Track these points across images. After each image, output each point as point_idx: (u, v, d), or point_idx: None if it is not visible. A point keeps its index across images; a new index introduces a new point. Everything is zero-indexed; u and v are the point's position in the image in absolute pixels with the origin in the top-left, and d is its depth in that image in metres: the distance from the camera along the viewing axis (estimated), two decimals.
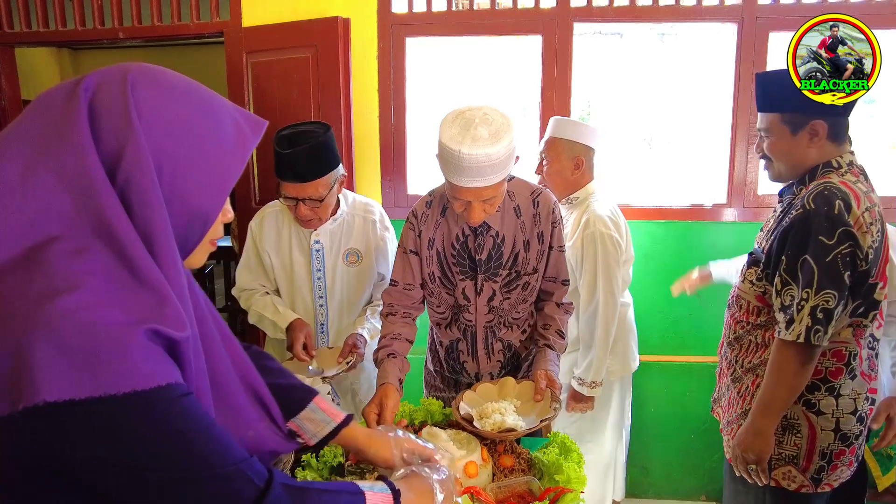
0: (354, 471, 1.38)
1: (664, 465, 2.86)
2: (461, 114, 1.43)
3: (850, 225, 1.37)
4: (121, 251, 0.63)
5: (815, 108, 1.47)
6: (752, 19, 2.52)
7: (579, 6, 2.60)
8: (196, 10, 2.80)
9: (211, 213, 0.73)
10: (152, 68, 0.72)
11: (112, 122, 0.65)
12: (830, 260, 1.37)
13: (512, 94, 3.36)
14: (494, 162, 1.38)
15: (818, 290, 1.37)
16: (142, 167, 0.65)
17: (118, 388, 0.58)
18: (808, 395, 1.50)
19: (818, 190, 1.42)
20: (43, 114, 0.66)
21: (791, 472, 1.52)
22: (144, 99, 0.67)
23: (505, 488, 1.29)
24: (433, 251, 1.66)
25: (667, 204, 2.75)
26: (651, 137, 3.90)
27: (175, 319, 0.64)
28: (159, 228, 0.66)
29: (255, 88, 2.72)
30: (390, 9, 2.68)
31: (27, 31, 2.96)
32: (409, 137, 2.80)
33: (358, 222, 2.01)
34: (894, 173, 2.66)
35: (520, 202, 1.63)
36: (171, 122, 0.68)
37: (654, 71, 3.37)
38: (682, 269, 2.69)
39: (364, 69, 2.70)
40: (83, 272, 0.61)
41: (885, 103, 2.84)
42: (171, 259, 0.67)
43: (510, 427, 1.40)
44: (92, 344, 0.58)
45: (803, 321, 1.39)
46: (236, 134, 0.75)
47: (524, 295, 1.67)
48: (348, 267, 1.99)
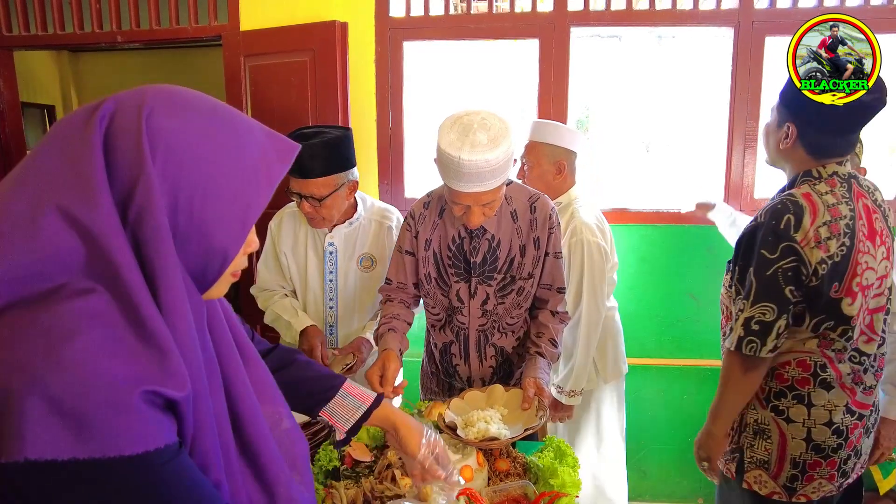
0: (350, 475, 1.38)
1: (661, 469, 2.86)
2: (459, 119, 1.43)
3: (796, 241, 1.37)
4: (125, 298, 0.60)
5: (791, 110, 1.46)
6: (748, 23, 2.53)
7: (576, 10, 2.61)
8: (194, 13, 2.81)
9: (231, 248, 0.69)
10: (173, 94, 0.67)
11: (125, 156, 0.62)
12: (770, 274, 1.38)
13: (510, 97, 3.37)
14: (493, 167, 1.39)
15: (754, 303, 1.41)
16: (151, 207, 0.61)
17: (105, 451, 0.56)
18: (776, 402, 1.50)
19: (774, 203, 1.42)
20: (60, 145, 0.63)
21: (762, 476, 1.53)
22: (160, 130, 0.63)
23: (500, 492, 1.29)
24: (430, 252, 1.68)
25: (664, 207, 2.75)
26: (649, 141, 3.91)
27: (174, 377, 0.61)
28: (166, 272, 0.62)
29: (253, 92, 2.72)
30: (388, 13, 2.68)
31: (25, 35, 2.97)
32: (407, 141, 2.80)
33: (374, 227, 1.99)
34: (893, 177, 2.66)
35: (517, 206, 1.63)
36: (189, 155, 0.64)
37: (652, 74, 3.38)
38: (678, 272, 2.71)
39: (362, 73, 2.70)
40: (86, 316, 0.58)
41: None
42: (177, 305, 0.63)
43: (493, 436, 1.39)
44: (84, 404, 0.56)
45: (737, 331, 1.44)
46: (262, 162, 0.69)
47: (519, 300, 1.67)
48: (362, 272, 1.99)
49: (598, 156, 3.99)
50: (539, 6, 2.65)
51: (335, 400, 1.12)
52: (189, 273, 0.67)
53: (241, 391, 0.76)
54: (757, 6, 2.54)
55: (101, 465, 0.56)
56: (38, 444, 0.54)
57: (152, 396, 0.59)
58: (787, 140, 1.47)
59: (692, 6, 2.58)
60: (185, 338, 0.64)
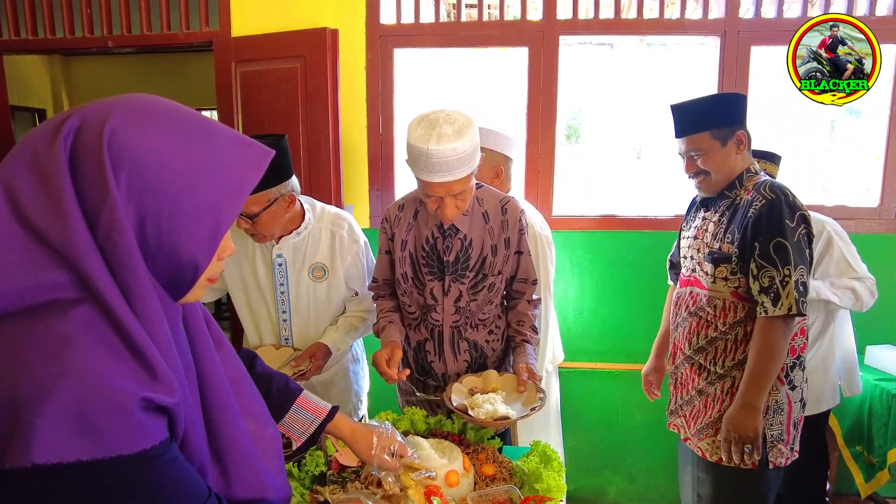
0: (336, 480, 1.38)
1: (649, 473, 2.88)
2: (425, 117, 1.53)
3: (804, 209, 1.57)
4: (108, 311, 0.63)
5: (737, 119, 1.67)
6: (734, 33, 2.57)
7: (565, 19, 2.64)
8: (186, 19, 2.82)
9: (202, 260, 0.69)
10: (139, 106, 0.66)
11: (90, 177, 0.62)
12: (797, 240, 1.54)
13: (500, 105, 3.39)
14: (460, 155, 1.48)
15: (796, 266, 1.52)
16: (118, 227, 0.62)
17: (107, 452, 0.59)
18: (791, 375, 1.63)
19: (768, 184, 1.60)
20: (29, 166, 0.63)
21: (782, 449, 1.63)
22: (123, 148, 0.62)
23: (486, 497, 1.30)
24: (406, 252, 1.75)
25: (651, 214, 2.77)
26: (640, 147, 3.94)
27: (164, 385, 0.64)
28: (138, 287, 0.64)
29: (243, 98, 2.73)
30: (378, 20, 2.70)
31: (16, 39, 2.96)
32: (397, 147, 2.82)
33: (325, 236, 1.91)
34: (877, 183, 2.69)
35: (488, 208, 1.71)
36: (155, 172, 0.63)
37: (642, 81, 3.41)
38: (667, 278, 2.73)
39: (352, 80, 2.72)
40: (80, 324, 0.61)
41: (870, 115, 2.89)
42: (153, 318, 0.66)
43: (503, 415, 1.47)
44: (90, 409, 0.58)
45: (790, 295, 1.52)
46: (232, 173, 0.69)
47: (490, 296, 1.73)
48: (314, 282, 1.92)
49: (590, 162, 4.02)
50: (529, 15, 2.68)
51: (289, 414, 1.17)
52: (161, 284, 0.69)
53: (217, 385, 0.79)
54: (742, 16, 2.58)
55: (103, 464, 0.59)
56: (45, 449, 0.56)
57: (147, 402, 0.62)
58: (743, 146, 1.68)
59: (679, 16, 2.61)
60: (164, 346, 0.67)
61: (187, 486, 0.69)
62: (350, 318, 1.98)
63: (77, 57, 6.07)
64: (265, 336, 2.01)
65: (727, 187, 1.69)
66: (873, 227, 2.66)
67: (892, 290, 2.55)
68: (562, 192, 2.84)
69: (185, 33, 2.82)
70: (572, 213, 2.81)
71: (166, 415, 0.66)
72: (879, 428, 2.40)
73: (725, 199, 1.69)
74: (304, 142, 2.60)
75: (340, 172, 2.68)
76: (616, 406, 2.84)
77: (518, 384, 1.60)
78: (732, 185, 1.68)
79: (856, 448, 2.52)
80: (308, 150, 2.61)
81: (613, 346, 2.82)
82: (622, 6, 2.66)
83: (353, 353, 2.13)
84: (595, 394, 2.83)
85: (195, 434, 0.72)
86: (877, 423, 2.41)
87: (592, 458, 2.89)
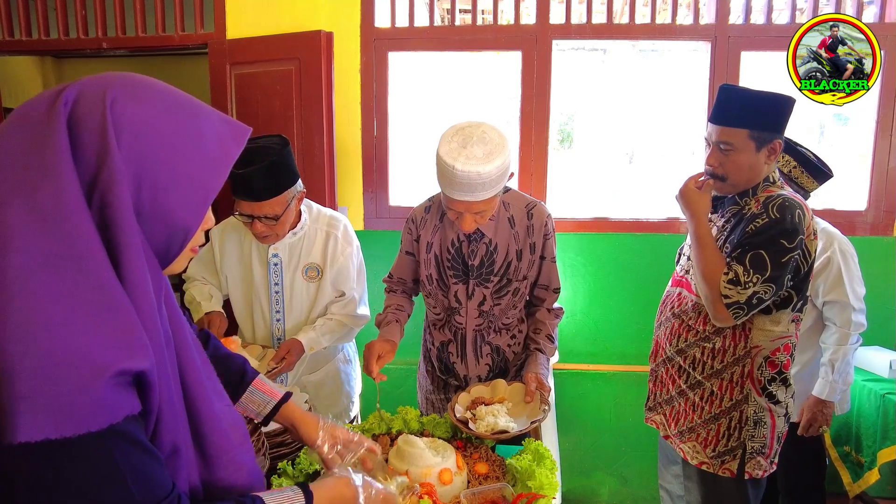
0: None
1: (641, 475, 2.89)
2: (461, 129, 1.51)
3: (808, 233, 1.53)
4: (89, 275, 0.63)
5: (780, 126, 1.58)
6: (724, 39, 2.60)
7: (558, 24, 2.67)
8: (181, 21, 2.82)
9: (192, 227, 0.74)
10: (135, 81, 0.71)
11: (90, 141, 0.65)
12: (785, 261, 1.49)
13: (493, 108, 3.41)
14: (486, 180, 1.46)
15: (765, 282, 1.49)
16: (116, 189, 0.65)
17: (76, 430, 0.60)
18: (770, 388, 1.61)
19: (779, 202, 1.53)
20: (25, 130, 0.65)
21: (760, 462, 1.63)
22: (124, 116, 0.66)
23: (479, 495, 1.31)
24: (431, 254, 1.75)
25: (643, 217, 2.80)
26: (632, 151, 3.97)
27: (137, 349, 0.64)
28: (129, 249, 0.66)
29: (238, 100, 2.74)
30: (373, 23, 2.72)
31: (9, 40, 2.96)
32: (392, 150, 2.83)
33: (320, 237, 1.94)
34: (864, 181, 2.72)
35: (514, 213, 1.69)
36: (152, 141, 0.68)
37: (635, 86, 3.44)
38: (658, 280, 2.74)
39: (347, 82, 2.73)
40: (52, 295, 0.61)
41: (857, 119, 2.94)
42: (139, 280, 0.67)
43: (502, 429, 1.47)
44: (57, 388, 0.59)
45: (736, 297, 1.50)
46: (219, 146, 0.74)
47: (514, 301, 1.73)
48: (308, 282, 1.94)
49: (582, 166, 4.04)
50: (522, 19, 2.71)
51: (245, 395, 1.21)
52: (152, 250, 0.72)
53: (192, 365, 0.80)
54: (732, 22, 2.61)
55: (72, 443, 0.60)
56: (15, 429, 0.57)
57: (119, 377, 0.63)
58: (775, 155, 1.59)
59: (671, 21, 2.65)
60: (146, 311, 0.68)
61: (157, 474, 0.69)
62: (330, 321, 1.94)
63: (69, 58, 6.04)
64: (259, 336, 2.01)
65: (740, 194, 1.62)
66: (863, 230, 2.70)
67: (880, 292, 2.58)
68: (554, 195, 2.87)
69: (179, 35, 2.82)
70: (565, 216, 2.83)
71: (140, 384, 0.66)
72: (868, 427, 2.43)
73: (734, 206, 1.64)
74: (298, 144, 2.61)
75: (335, 175, 2.69)
76: (608, 408, 2.86)
77: (525, 395, 1.59)
78: (745, 193, 1.62)
79: (843, 448, 2.54)
80: (302, 152, 2.62)
81: (605, 348, 2.84)
82: (614, 12, 2.69)
83: (345, 353, 2.14)
84: (587, 395, 2.85)
85: (172, 409, 0.73)
86: (865, 423, 2.44)
87: (584, 459, 2.91)
